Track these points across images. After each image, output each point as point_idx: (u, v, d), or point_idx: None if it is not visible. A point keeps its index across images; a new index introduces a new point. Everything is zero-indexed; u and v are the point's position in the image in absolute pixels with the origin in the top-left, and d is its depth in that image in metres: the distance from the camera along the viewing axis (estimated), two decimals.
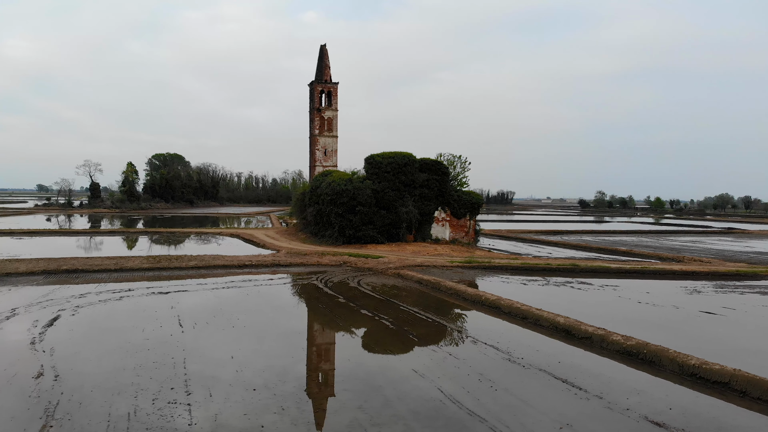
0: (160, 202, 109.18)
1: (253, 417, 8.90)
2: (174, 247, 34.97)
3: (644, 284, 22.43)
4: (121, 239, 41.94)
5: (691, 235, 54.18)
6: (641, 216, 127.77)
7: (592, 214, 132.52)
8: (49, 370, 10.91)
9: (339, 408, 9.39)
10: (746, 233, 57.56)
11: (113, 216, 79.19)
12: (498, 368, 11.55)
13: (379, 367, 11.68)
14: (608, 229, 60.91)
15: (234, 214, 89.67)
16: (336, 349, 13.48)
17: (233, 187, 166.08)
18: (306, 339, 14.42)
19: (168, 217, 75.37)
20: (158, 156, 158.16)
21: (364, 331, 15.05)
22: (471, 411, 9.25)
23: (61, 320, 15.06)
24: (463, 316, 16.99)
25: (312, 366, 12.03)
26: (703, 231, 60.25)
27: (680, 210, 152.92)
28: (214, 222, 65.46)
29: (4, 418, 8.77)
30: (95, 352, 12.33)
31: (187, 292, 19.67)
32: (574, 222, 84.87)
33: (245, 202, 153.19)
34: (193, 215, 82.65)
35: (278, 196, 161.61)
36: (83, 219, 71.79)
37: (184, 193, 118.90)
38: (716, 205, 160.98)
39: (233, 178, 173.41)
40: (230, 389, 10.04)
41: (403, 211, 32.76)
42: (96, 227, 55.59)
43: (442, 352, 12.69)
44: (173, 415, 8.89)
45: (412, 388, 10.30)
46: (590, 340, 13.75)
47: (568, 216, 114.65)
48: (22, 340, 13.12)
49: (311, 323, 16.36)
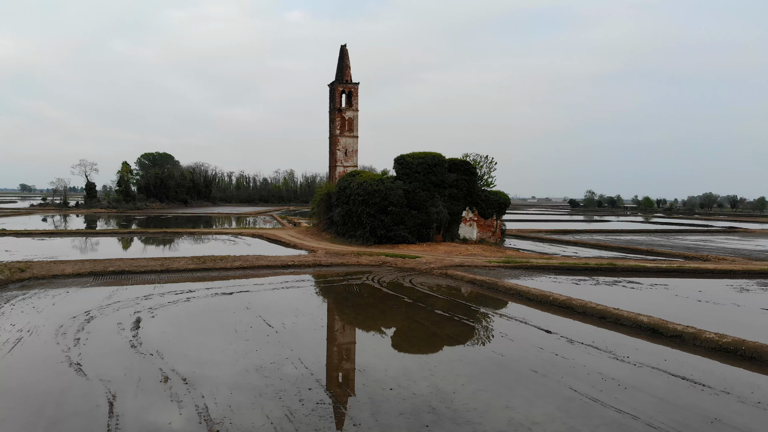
0: (155, 202, 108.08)
1: (412, 418, 8.94)
2: (201, 247, 34.68)
3: (692, 283, 22.80)
4: (140, 240, 41.48)
5: (697, 234, 55.10)
6: (631, 215, 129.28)
7: (583, 213, 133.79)
8: (171, 374, 10.81)
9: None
10: (750, 232, 58.69)
11: (112, 216, 78.13)
12: (610, 367, 11.69)
13: (505, 368, 11.77)
14: (615, 229, 61.66)
15: (234, 214, 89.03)
16: (447, 348, 13.54)
17: (224, 187, 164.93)
18: (410, 339, 14.45)
19: (171, 217, 74.61)
20: (147, 155, 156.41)
21: (459, 332, 15.07)
22: (618, 409, 9.39)
23: (145, 322, 14.92)
24: (539, 317, 17.02)
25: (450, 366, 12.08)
26: (706, 230, 61.30)
27: (669, 209, 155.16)
28: (221, 222, 64.98)
29: (161, 423, 8.71)
30: (203, 354, 12.25)
31: (250, 293, 19.57)
32: (576, 221, 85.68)
33: (237, 201, 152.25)
34: (196, 215, 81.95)
35: (270, 196, 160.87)
36: (84, 219, 70.79)
37: (178, 193, 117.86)
38: (703, 204, 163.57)
39: (224, 178, 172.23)
40: (376, 389, 10.05)
41: (434, 211, 32.90)
42: (109, 228, 54.89)
43: (547, 353, 12.80)
44: (328, 415, 8.90)
45: (552, 390, 10.42)
46: (681, 338, 13.97)
47: (561, 215, 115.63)
48: (118, 342, 12.99)
49: (401, 323, 16.31)
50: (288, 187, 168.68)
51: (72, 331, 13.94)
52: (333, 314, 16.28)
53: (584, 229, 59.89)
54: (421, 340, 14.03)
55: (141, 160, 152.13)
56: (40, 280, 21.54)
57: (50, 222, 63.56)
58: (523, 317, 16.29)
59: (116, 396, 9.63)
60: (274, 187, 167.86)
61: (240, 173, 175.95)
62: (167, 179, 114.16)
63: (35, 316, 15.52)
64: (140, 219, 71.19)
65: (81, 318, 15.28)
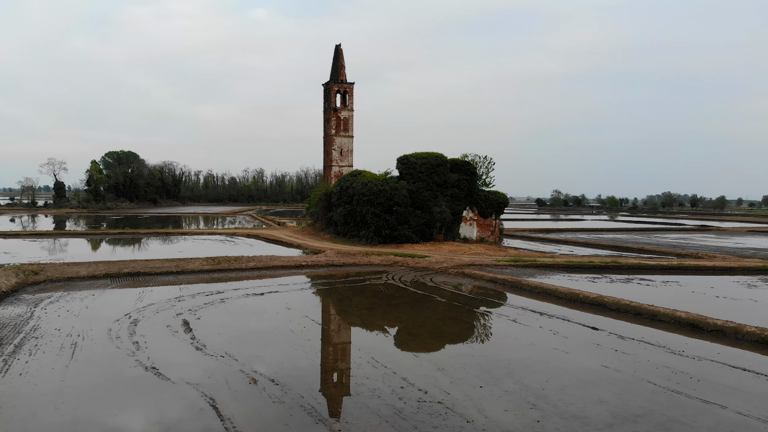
0: (124, 202, 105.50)
1: (518, 413, 9.18)
2: (201, 247, 34.12)
3: (701, 280, 23.74)
4: (132, 240, 40.50)
5: (673, 233, 57.04)
6: (596, 214, 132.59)
7: (550, 212, 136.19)
8: (256, 376, 10.76)
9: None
10: (722, 230, 61.12)
11: (84, 216, 75.89)
12: (673, 361, 12.16)
13: (577, 364, 12.10)
14: (593, 227, 63.29)
15: (210, 213, 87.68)
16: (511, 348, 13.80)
17: (192, 186, 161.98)
18: (476, 338, 14.66)
19: (148, 218, 72.98)
20: (112, 154, 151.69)
21: (516, 332, 15.26)
22: (704, 400, 9.82)
23: (193, 324, 14.74)
24: (577, 315, 17.28)
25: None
26: (681, 229, 63.51)
27: (633, 208, 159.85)
28: (201, 222, 63.94)
29: (278, 426, 8.72)
30: (276, 354, 12.22)
31: (280, 293, 19.48)
32: (550, 221, 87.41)
33: (206, 201, 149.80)
34: (172, 215, 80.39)
35: (240, 195, 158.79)
36: (53, 220, 68.58)
37: (147, 192, 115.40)
38: (664, 204, 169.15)
39: (192, 177, 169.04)
40: (467, 385, 10.24)
41: (437, 211, 33.28)
42: (94, 228, 53.45)
43: (606, 349, 13.19)
44: (444, 413, 9.06)
45: (633, 384, 10.80)
46: (722, 332, 14.60)
47: (530, 214, 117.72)
48: (179, 345, 12.85)
49: (452, 323, 16.45)
50: (258, 186, 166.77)
51: (124, 334, 13.68)
52: (379, 314, 16.37)
53: (565, 227, 61.30)
54: (489, 340, 14.26)
55: (105, 158, 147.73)
56: (56, 282, 20.97)
57: (18, 222, 61.37)
58: (562, 315, 16.70)
59: (215, 399, 9.55)
60: (244, 186, 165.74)
61: (208, 172, 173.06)
62: (137, 178, 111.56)
63: (75, 320, 15.15)
64: (116, 219, 69.39)
65: (125, 321, 14.99)
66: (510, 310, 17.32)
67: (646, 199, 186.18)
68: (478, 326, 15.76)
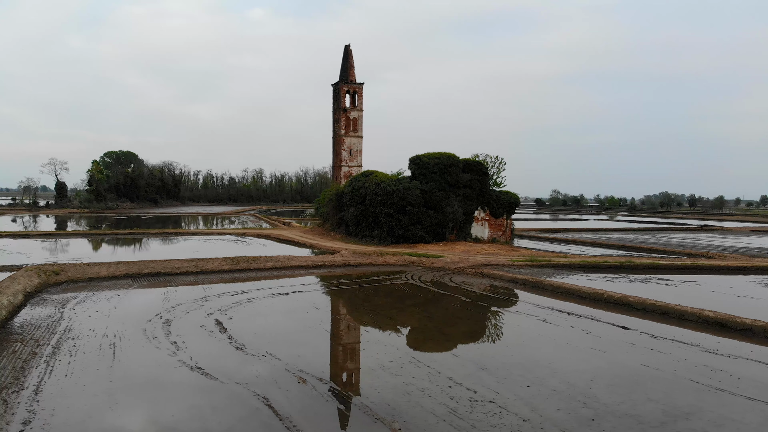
0: (126, 202, 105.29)
1: (572, 412, 9.27)
2: (214, 247, 34.13)
3: (718, 279, 23.89)
4: (143, 240, 40.47)
5: (678, 233, 57.30)
6: (595, 213, 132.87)
7: (549, 212, 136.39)
8: (305, 376, 10.83)
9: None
10: (726, 230, 61.41)
11: (86, 216, 75.72)
12: (710, 360, 12.26)
13: (617, 364, 12.20)
14: (597, 227, 63.53)
15: (213, 213, 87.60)
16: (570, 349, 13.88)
17: (191, 186, 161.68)
18: (514, 338, 14.75)
19: (152, 218, 72.87)
20: (110, 154, 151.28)
21: (550, 332, 15.41)
22: (749, 397, 9.94)
23: (227, 323, 14.79)
24: (605, 314, 17.28)
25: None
26: (685, 228, 63.78)
27: (632, 208, 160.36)
28: (204, 222, 63.88)
29: (336, 424, 8.79)
30: (317, 353, 12.28)
31: (303, 293, 19.55)
32: (552, 221, 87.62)
33: (206, 201, 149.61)
34: (175, 215, 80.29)
35: (239, 195, 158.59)
36: (54, 220, 68.44)
37: (148, 192, 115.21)
38: (663, 203, 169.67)
39: (191, 177, 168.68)
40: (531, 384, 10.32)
41: (450, 211, 33.40)
42: (100, 228, 53.30)
43: (641, 348, 13.28)
44: (498, 412, 9.15)
45: (676, 383, 10.91)
46: (750, 331, 14.72)
47: (530, 214, 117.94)
48: (218, 345, 12.90)
49: (481, 322, 16.55)
50: (257, 186, 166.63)
51: (160, 334, 13.72)
52: (407, 314, 16.45)
53: (570, 227, 61.48)
54: (524, 340, 14.33)
55: (104, 158, 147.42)
56: (78, 283, 20.98)
57: (20, 223, 61.19)
58: (591, 315, 16.80)
59: (269, 398, 9.61)
60: (243, 186, 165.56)
61: (207, 172, 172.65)
62: (137, 178, 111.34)
63: (107, 320, 15.17)
64: (119, 219, 69.27)
65: (157, 321, 15.03)
66: (537, 309, 17.41)
67: (643, 199, 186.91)
68: (509, 326, 15.86)
